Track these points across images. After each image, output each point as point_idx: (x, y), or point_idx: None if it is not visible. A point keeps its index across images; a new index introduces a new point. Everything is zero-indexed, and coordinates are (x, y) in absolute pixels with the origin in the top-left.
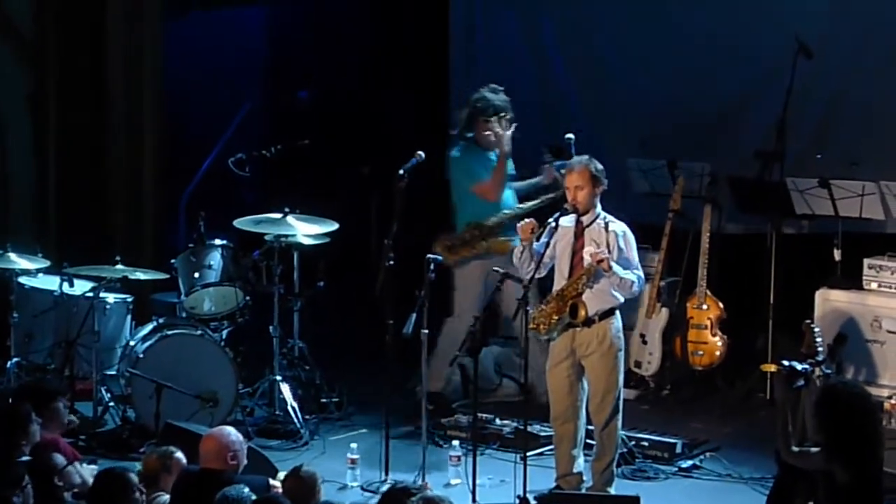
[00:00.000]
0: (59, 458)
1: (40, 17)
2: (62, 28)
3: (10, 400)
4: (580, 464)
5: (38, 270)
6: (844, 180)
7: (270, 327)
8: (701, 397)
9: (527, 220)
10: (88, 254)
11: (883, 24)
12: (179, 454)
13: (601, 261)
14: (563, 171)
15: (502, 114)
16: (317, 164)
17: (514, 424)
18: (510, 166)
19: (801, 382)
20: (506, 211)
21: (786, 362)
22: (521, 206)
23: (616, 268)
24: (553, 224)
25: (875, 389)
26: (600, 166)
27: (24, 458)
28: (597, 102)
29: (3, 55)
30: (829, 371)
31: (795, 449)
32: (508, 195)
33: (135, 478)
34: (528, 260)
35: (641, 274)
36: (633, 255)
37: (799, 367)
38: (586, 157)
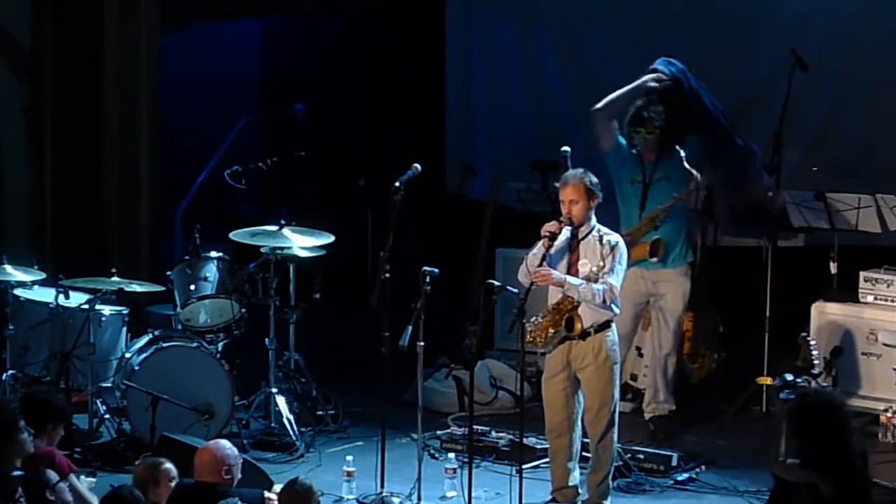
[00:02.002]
0: (52, 474)
1: (37, 32)
2: (59, 42)
3: (5, 409)
4: (576, 477)
5: (34, 282)
6: (841, 193)
7: (266, 339)
8: (697, 410)
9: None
10: (84, 266)
11: (878, 36)
12: (168, 465)
13: (544, 279)
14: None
15: (646, 125)
16: (313, 177)
17: (510, 437)
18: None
19: (787, 395)
20: (646, 213)
21: (789, 377)
22: (657, 206)
23: (570, 280)
24: (548, 235)
25: (871, 403)
26: (595, 179)
27: (18, 473)
28: (592, 115)
29: (0, 69)
30: (825, 385)
31: (791, 462)
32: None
33: (142, 497)
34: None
35: (615, 283)
36: (616, 266)
37: (795, 380)
38: (581, 170)
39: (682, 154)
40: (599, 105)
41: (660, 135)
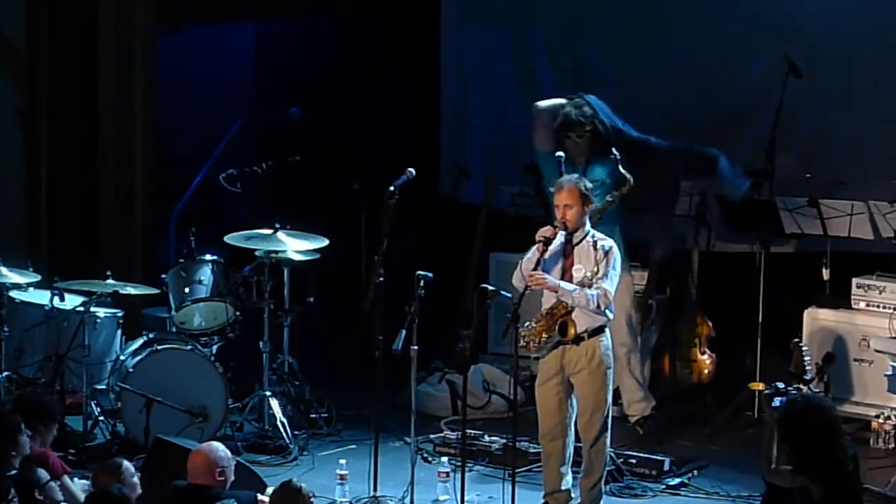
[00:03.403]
0: (42, 473)
1: (33, 34)
2: (54, 44)
3: (8, 413)
4: (568, 481)
5: (29, 285)
6: (833, 200)
7: (260, 343)
8: (689, 415)
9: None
10: (79, 268)
11: (872, 43)
12: (126, 462)
13: (538, 283)
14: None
15: (576, 129)
16: (307, 180)
17: (503, 441)
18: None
19: (778, 402)
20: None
21: (780, 385)
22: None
23: (564, 285)
24: (542, 241)
25: (863, 409)
26: (590, 185)
27: (12, 472)
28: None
29: None
30: (817, 390)
31: (783, 468)
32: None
33: (131, 495)
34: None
35: (609, 288)
36: (610, 271)
37: (787, 387)
38: (576, 175)
39: (618, 157)
40: (544, 105)
41: (590, 138)
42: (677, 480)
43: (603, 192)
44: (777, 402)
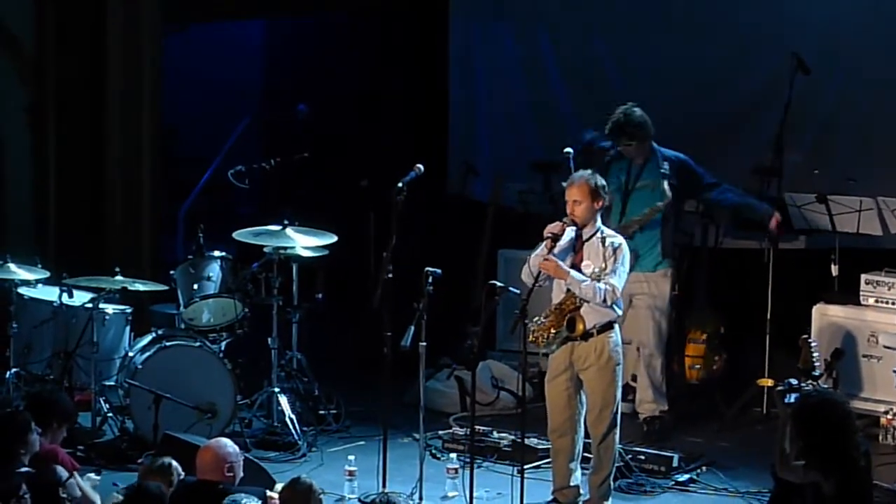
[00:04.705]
0: (62, 471)
1: (40, 31)
2: (62, 41)
3: (12, 408)
4: (577, 477)
5: (38, 281)
6: (842, 196)
7: (269, 339)
8: (698, 411)
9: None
10: (87, 265)
11: (880, 40)
12: (174, 462)
13: (549, 268)
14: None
15: (623, 139)
16: (316, 177)
17: (512, 437)
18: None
19: (792, 398)
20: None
21: (793, 381)
22: (632, 218)
23: (574, 274)
24: (551, 237)
25: (871, 405)
26: (601, 181)
27: (25, 469)
28: (594, 118)
29: (3, 68)
30: (825, 386)
31: (795, 463)
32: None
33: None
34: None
35: (616, 284)
36: (618, 266)
37: (799, 384)
38: (588, 171)
39: (667, 172)
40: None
41: (642, 140)
42: (686, 477)
43: (651, 196)
44: (790, 398)
